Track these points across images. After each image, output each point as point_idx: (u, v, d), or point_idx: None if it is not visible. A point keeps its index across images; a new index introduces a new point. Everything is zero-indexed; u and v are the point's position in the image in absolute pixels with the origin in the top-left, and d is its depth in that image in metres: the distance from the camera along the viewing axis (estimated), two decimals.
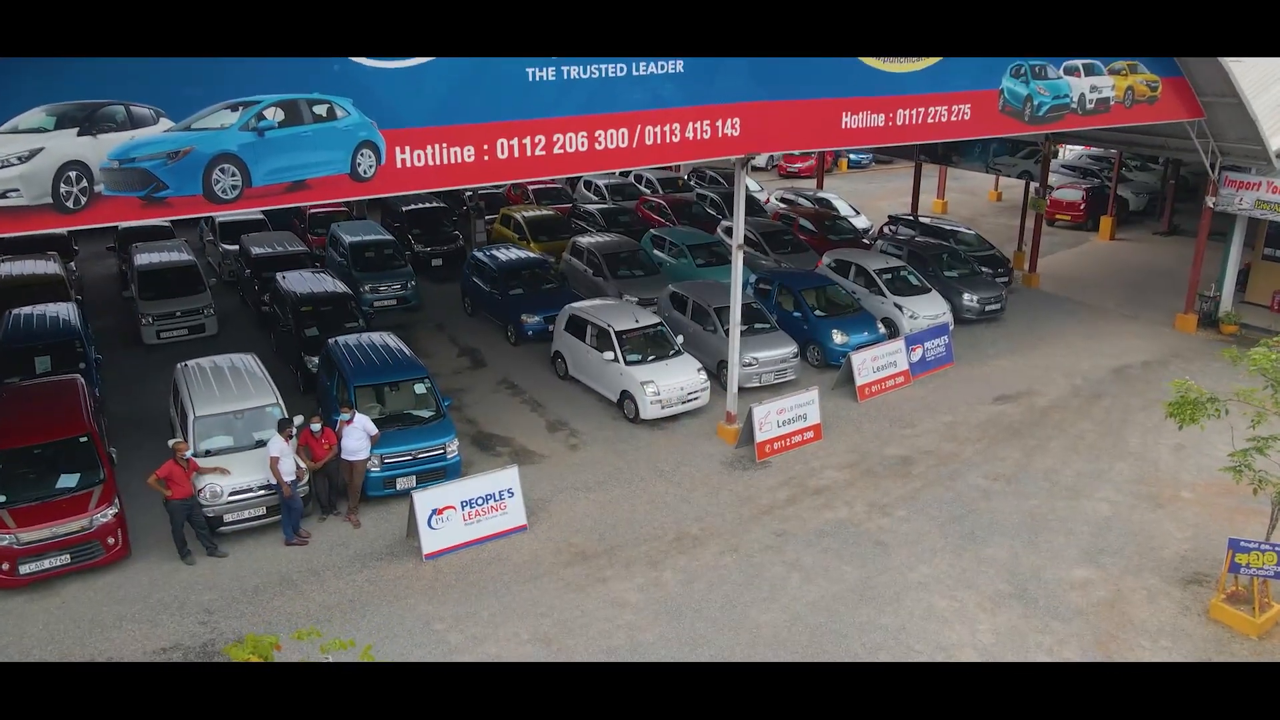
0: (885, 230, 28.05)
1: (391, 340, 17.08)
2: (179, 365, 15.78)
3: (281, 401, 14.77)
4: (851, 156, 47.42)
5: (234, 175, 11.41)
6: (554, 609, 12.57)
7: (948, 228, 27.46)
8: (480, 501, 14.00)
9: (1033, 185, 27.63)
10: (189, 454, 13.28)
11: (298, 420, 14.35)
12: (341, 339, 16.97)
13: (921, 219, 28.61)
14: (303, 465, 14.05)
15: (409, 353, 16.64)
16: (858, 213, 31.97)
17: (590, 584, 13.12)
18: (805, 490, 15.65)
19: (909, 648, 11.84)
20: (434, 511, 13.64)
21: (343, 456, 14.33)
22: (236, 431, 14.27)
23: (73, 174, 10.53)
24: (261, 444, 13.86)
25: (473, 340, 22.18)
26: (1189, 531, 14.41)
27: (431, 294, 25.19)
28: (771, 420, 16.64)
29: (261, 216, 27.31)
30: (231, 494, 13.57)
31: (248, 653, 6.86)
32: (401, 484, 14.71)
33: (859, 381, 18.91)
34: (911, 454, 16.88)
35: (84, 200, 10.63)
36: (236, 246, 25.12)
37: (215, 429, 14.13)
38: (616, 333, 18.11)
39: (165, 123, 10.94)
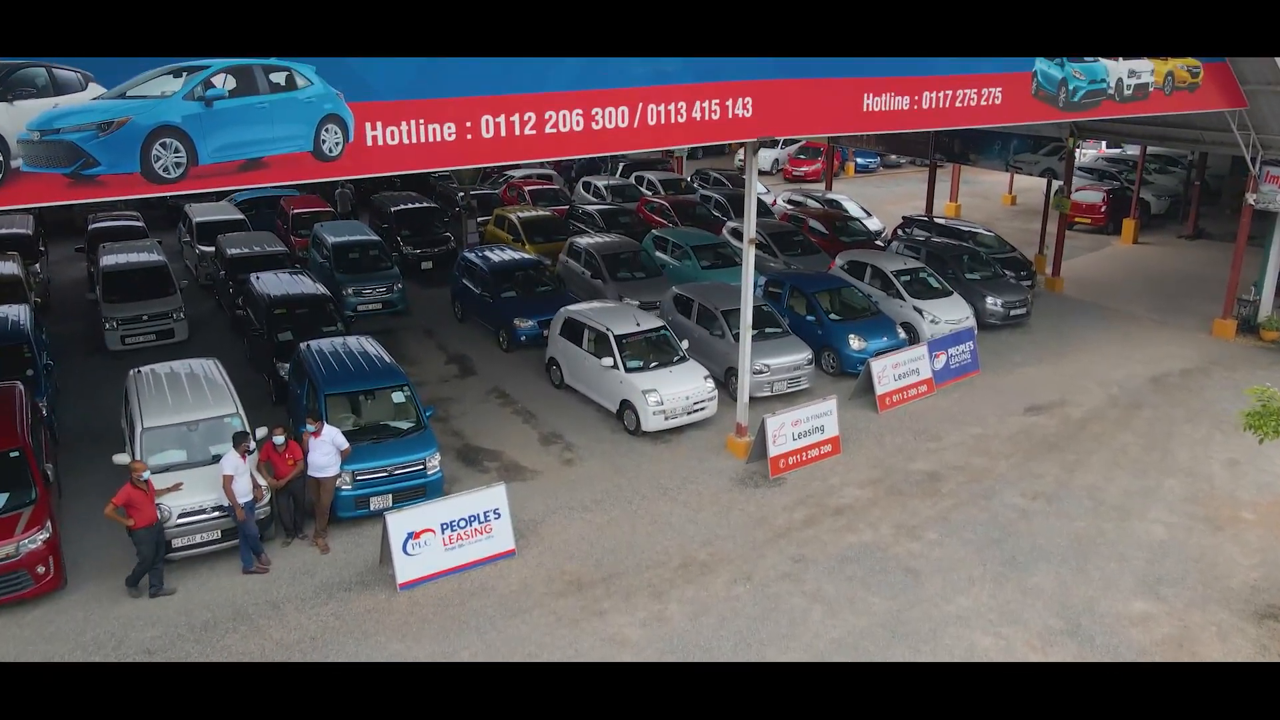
0: (900, 232, 26.58)
1: (370, 345, 15.59)
2: (131, 372, 14.30)
3: (242, 412, 13.26)
4: (859, 160, 46.04)
5: (178, 151, 9.90)
6: (544, 648, 11.04)
7: (965, 229, 26.01)
8: (463, 524, 12.48)
9: (1055, 184, 26.18)
10: (147, 475, 11.70)
11: (260, 432, 12.87)
12: (315, 343, 15.48)
13: (937, 220, 27.15)
14: (264, 483, 12.55)
15: (389, 359, 15.15)
16: (869, 215, 30.52)
17: (585, 618, 11.60)
18: (825, 510, 14.13)
19: None
20: (410, 535, 12.12)
21: (309, 473, 12.82)
22: (191, 445, 12.77)
23: None
24: (219, 459, 12.34)
25: (462, 347, 20.69)
26: (1256, 558, 12.89)
27: (421, 299, 23.72)
28: (786, 433, 15.13)
29: (242, 217, 25.96)
30: (182, 515, 12.05)
31: None
32: (376, 504, 13.19)
33: (879, 391, 17.41)
34: (939, 469, 15.37)
35: None
36: (213, 248, 23.69)
37: (166, 442, 12.62)
38: (616, 337, 16.62)
39: (95, 89, 9.47)
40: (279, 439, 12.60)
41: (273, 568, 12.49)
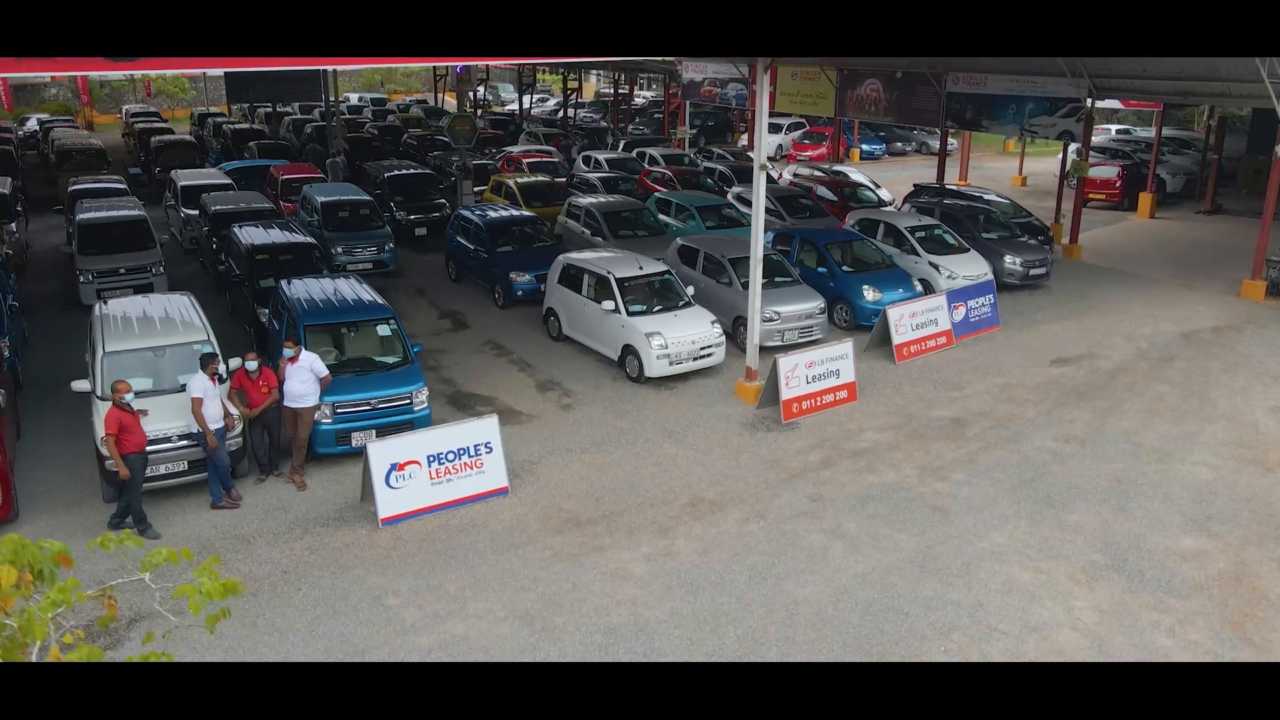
0: (911, 200, 25.61)
1: (355, 282, 14.64)
2: (98, 303, 13.32)
3: (214, 339, 12.28)
4: (864, 147, 45.17)
5: None
6: (539, 581, 10.02)
7: (978, 194, 25.07)
8: (451, 457, 11.48)
9: (1073, 148, 25.25)
10: (130, 396, 10.63)
11: (234, 363, 11.89)
12: (296, 280, 14.52)
13: (949, 187, 26.22)
14: (235, 413, 11.55)
15: (374, 295, 14.18)
16: (878, 186, 29.59)
17: (585, 553, 10.59)
18: (842, 453, 13.13)
19: (989, 627, 9.28)
20: (393, 467, 11.12)
21: (285, 403, 11.83)
22: (157, 372, 11.79)
23: None
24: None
25: (456, 304, 19.72)
26: None
27: (414, 263, 22.78)
28: (800, 375, 14.14)
29: (228, 181, 25.08)
30: (146, 443, 11.03)
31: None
32: (358, 439, 12.18)
33: (896, 340, 16.41)
34: (963, 416, 14.37)
35: None
36: (197, 211, 22.75)
37: (130, 367, 11.61)
38: (618, 279, 15.65)
39: None
40: (251, 364, 11.62)
41: (244, 504, 11.49)
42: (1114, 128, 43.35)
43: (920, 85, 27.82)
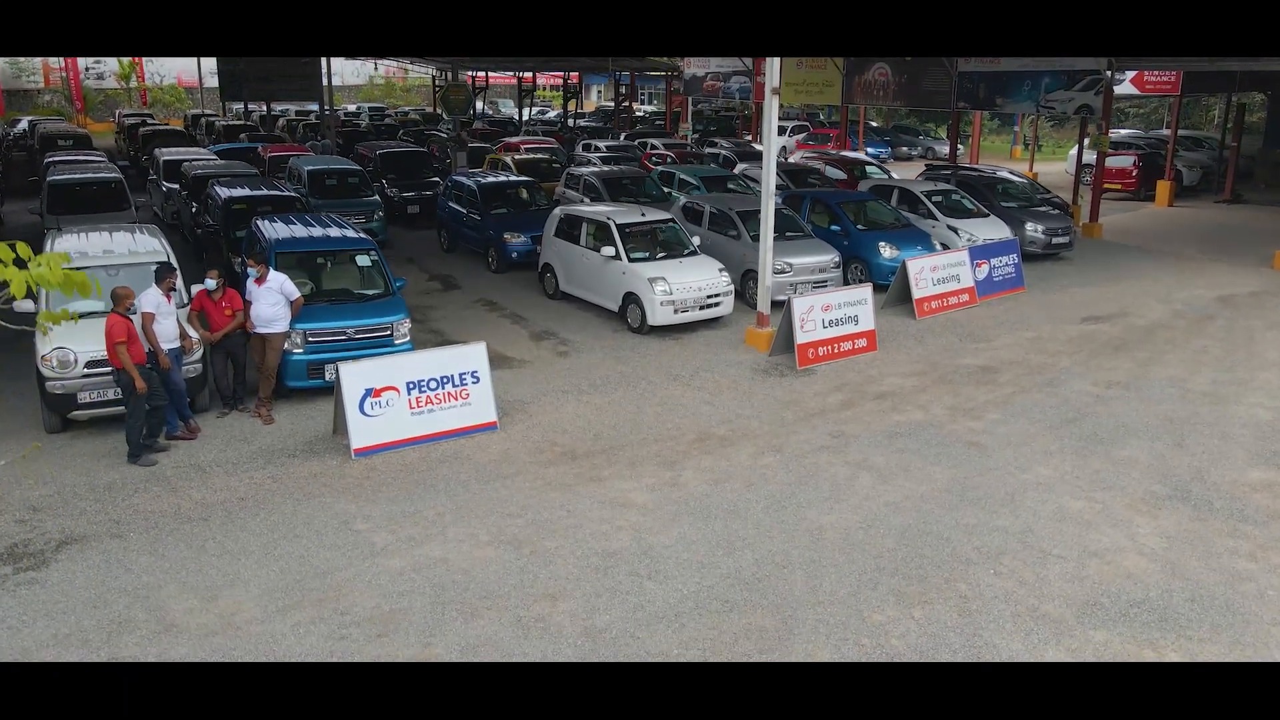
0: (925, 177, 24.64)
1: (335, 219, 13.58)
2: (49, 233, 12.27)
3: (173, 257, 11.20)
4: (869, 150, 44.30)
5: None
6: (528, 509, 8.86)
7: (991, 172, 24.09)
8: (434, 385, 10.34)
9: (1092, 122, 24.30)
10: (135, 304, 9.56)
11: (195, 289, 10.80)
12: (274, 218, 13.46)
13: (962, 167, 25.25)
14: (195, 335, 10.44)
15: (354, 230, 13.11)
16: (887, 172, 28.65)
17: (581, 483, 9.43)
18: (864, 395, 11.99)
19: (1043, 551, 8.11)
20: (368, 393, 9.99)
21: (253, 328, 10.71)
22: (109, 292, 10.64)
23: None
24: None
25: (447, 270, 18.66)
26: None
27: (406, 239, 21.72)
28: (815, 318, 13.04)
29: (212, 154, 24.14)
30: (90, 365, 9.91)
31: None
32: (332, 373, 11.00)
33: (917, 294, 15.32)
34: (993, 364, 13.25)
35: None
36: (179, 185, 21.75)
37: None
38: (618, 225, 14.59)
39: None
40: (212, 283, 10.51)
41: (202, 436, 10.33)
42: (1124, 131, 42.58)
43: (931, 66, 26.95)
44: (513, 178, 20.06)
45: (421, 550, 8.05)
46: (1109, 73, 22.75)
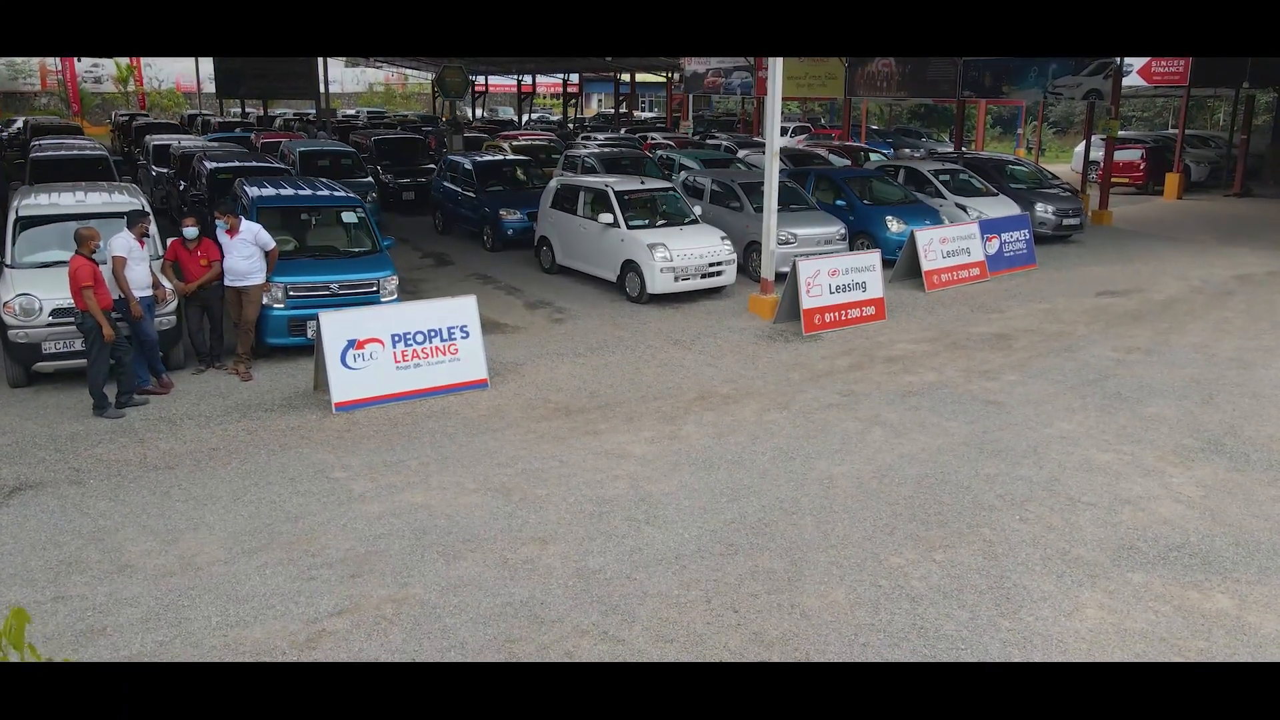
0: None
1: (326, 182, 13.07)
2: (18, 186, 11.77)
3: (147, 206, 10.68)
4: (871, 155, 43.88)
5: None
6: (519, 459, 8.29)
7: (998, 158, 23.61)
8: (421, 339, 9.79)
9: (1100, 106, 23.82)
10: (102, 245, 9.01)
11: (172, 240, 10.27)
12: (260, 181, 12.94)
13: (967, 155, 24.75)
14: (168, 285, 9.90)
15: (341, 188, 12.60)
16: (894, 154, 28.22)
17: (575, 436, 8.87)
18: (874, 359, 11.44)
19: (1072, 498, 7.53)
20: (351, 344, 9.44)
21: (227, 282, 10.17)
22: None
23: None
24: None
25: (441, 248, 18.14)
26: None
27: (399, 223, 21.16)
28: (822, 283, 12.50)
29: (203, 140, 23.68)
30: (55, 314, 9.36)
31: None
32: (314, 330, 10.48)
33: (926, 266, 14.79)
34: (1007, 332, 12.70)
35: None
36: (169, 168, 21.27)
37: (47, 238, 9.98)
38: (617, 192, 14.09)
39: None
40: (190, 230, 9.99)
41: (175, 391, 9.77)
42: (1128, 133, 42.14)
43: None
44: (509, 157, 19.54)
45: (402, 496, 7.48)
46: (1118, 57, 22.28)
